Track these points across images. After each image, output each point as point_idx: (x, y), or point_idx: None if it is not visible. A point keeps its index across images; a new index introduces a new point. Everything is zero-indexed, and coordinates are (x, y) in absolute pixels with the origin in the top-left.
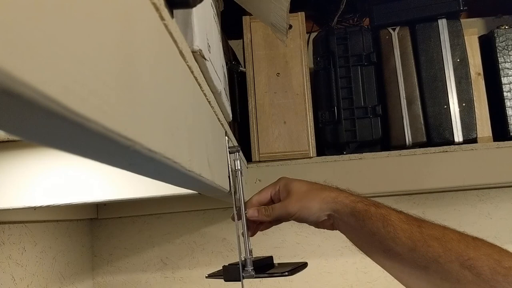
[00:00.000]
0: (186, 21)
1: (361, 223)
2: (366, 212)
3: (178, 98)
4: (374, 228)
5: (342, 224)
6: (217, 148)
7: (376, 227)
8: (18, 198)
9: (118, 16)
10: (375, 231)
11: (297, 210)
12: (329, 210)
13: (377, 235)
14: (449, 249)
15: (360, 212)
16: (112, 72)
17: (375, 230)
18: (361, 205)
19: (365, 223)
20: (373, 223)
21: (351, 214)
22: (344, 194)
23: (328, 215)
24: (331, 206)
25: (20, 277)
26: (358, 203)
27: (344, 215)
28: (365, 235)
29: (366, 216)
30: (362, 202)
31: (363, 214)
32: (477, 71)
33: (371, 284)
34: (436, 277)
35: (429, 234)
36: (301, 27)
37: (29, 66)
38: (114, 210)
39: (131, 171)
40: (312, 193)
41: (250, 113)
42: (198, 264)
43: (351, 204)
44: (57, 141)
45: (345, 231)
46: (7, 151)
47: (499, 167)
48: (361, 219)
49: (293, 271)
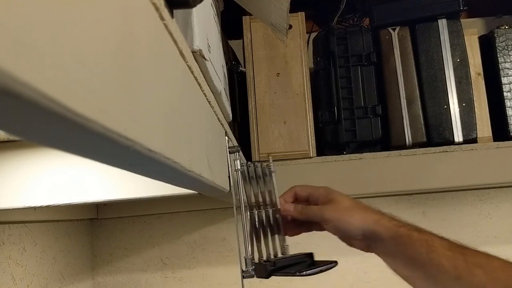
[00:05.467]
0: (186, 21)
1: (402, 248)
2: (409, 237)
3: (178, 98)
4: (417, 254)
5: (382, 248)
6: (217, 148)
7: (418, 253)
8: (18, 198)
9: (118, 16)
10: (418, 257)
11: (334, 220)
12: (367, 231)
13: (419, 261)
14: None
15: (403, 236)
16: (112, 72)
17: (417, 256)
18: (403, 229)
19: (407, 248)
20: (415, 249)
21: (393, 238)
22: (386, 217)
23: (363, 236)
24: (371, 227)
25: (20, 277)
26: (401, 228)
27: (385, 239)
28: (406, 261)
29: (409, 242)
30: (405, 227)
31: (405, 239)
32: (477, 71)
33: (371, 284)
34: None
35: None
36: (301, 27)
37: (29, 66)
38: (114, 210)
39: (131, 171)
40: (354, 209)
41: (250, 113)
42: (198, 264)
43: (394, 228)
44: (57, 141)
45: (384, 255)
46: (7, 151)
47: (499, 167)
48: (403, 244)
49: (311, 271)
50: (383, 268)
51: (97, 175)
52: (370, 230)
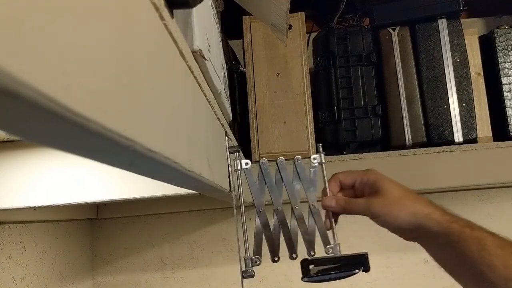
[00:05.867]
0: (186, 21)
1: (454, 244)
2: (461, 234)
3: (178, 98)
4: (468, 252)
5: (430, 242)
6: (217, 148)
7: (469, 251)
8: (18, 198)
9: (118, 16)
10: (468, 255)
11: (383, 214)
12: (417, 225)
13: (470, 259)
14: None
15: (455, 233)
16: (112, 72)
17: (468, 253)
18: (456, 225)
19: (459, 245)
20: (467, 246)
21: (444, 234)
22: (438, 211)
23: (412, 229)
24: (422, 221)
25: (20, 277)
26: (453, 224)
27: (436, 235)
28: (456, 257)
29: (461, 238)
30: (457, 223)
31: (457, 236)
32: (477, 71)
33: (371, 284)
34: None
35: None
36: (301, 27)
37: (29, 66)
38: (114, 210)
39: (131, 171)
40: (405, 201)
41: (250, 113)
42: (198, 264)
43: (446, 223)
44: (57, 141)
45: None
46: (7, 151)
47: (499, 167)
48: (455, 241)
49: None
50: (383, 268)
51: (97, 175)
52: (421, 225)
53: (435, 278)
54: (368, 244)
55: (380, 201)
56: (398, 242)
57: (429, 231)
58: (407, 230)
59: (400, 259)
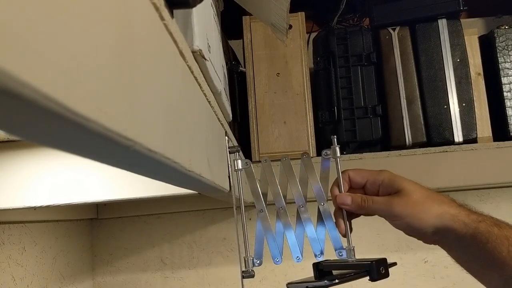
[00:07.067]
0: (186, 21)
1: (481, 246)
2: (489, 234)
3: (178, 98)
4: (496, 253)
5: (455, 244)
6: (217, 148)
7: (498, 251)
8: (18, 198)
9: (118, 16)
10: (497, 256)
11: (405, 216)
12: (443, 228)
13: (499, 260)
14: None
15: (483, 233)
16: (112, 72)
17: (497, 254)
18: (483, 225)
19: (487, 246)
20: (495, 247)
21: (472, 236)
22: (464, 211)
23: (436, 232)
24: (448, 224)
25: (20, 277)
26: (481, 223)
27: (463, 237)
28: (483, 258)
29: (490, 239)
30: (485, 222)
31: (486, 236)
32: (477, 71)
33: (371, 284)
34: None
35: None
36: (301, 27)
37: (29, 66)
38: (114, 210)
39: (131, 171)
40: (430, 203)
41: (250, 113)
42: (198, 264)
43: (473, 224)
44: (57, 141)
45: (455, 251)
46: (7, 151)
47: (499, 167)
48: (483, 242)
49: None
50: None
51: (97, 175)
52: (447, 227)
53: (435, 278)
54: (368, 244)
55: (402, 201)
56: (398, 242)
57: (455, 233)
58: (430, 233)
59: (400, 259)
